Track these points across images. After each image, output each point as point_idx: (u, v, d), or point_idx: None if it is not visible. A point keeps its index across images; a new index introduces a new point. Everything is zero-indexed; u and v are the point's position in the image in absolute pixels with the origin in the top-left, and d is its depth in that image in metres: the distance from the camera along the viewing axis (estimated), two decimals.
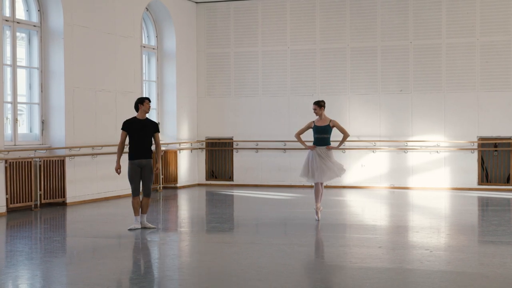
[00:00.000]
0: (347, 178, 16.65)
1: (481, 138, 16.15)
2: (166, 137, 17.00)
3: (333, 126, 11.12)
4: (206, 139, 18.04)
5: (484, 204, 14.19)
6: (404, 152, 16.52)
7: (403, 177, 16.47)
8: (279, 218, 11.84)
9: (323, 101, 11.29)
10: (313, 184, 11.32)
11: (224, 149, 17.94)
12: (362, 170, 16.74)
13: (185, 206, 14.59)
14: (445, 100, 16.31)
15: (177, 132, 17.12)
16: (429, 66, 16.43)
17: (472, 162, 16.20)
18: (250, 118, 17.65)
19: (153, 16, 16.96)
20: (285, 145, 17.32)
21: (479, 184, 16.16)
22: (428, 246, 8.87)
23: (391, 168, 16.63)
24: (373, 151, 16.64)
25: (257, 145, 17.58)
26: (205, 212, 13.54)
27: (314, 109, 11.22)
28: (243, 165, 17.71)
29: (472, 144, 16.20)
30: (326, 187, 16.86)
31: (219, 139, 17.99)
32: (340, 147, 11.61)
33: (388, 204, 14.09)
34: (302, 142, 11.44)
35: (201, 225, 11.46)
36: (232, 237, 10.22)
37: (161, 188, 16.35)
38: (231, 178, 17.88)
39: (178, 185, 17.06)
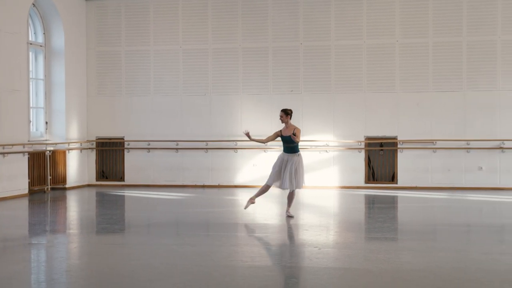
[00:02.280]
0: (239, 178, 16.80)
1: (368, 138, 16.69)
2: (54, 137, 16.54)
3: (295, 134, 11.10)
4: (96, 139, 17.68)
5: (371, 202, 14.66)
6: None
7: None
8: (171, 219, 11.78)
9: (290, 110, 11.40)
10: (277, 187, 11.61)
11: (115, 149, 17.65)
12: (254, 169, 16.90)
13: (74, 208, 14.24)
14: (334, 101, 16.73)
15: (66, 132, 16.69)
16: (318, 67, 16.81)
17: (359, 161, 16.71)
18: (142, 118, 17.45)
19: (40, 12, 16.45)
20: (177, 145, 17.24)
21: (366, 182, 16.69)
22: (317, 243, 9.07)
23: None
24: (264, 151, 16.84)
25: (149, 144, 17.40)
26: (95, 213, 13.26)
27: (281, 117, 11.31)
28: (134, 165, 17.49)
29: (359, 143, 16.71)
30: (220, 186, 16.95)
31: (110, 138, 17.68)
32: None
33: (279, 203, 14.28)
34: (254, 140, 11.62)
35: (91, 226, 11.22)
36: (123, 238, 10.07)
37: (48, 189, 15.88)
38: (122, 178, 17.61)
39: (67, 186, 16.63)
